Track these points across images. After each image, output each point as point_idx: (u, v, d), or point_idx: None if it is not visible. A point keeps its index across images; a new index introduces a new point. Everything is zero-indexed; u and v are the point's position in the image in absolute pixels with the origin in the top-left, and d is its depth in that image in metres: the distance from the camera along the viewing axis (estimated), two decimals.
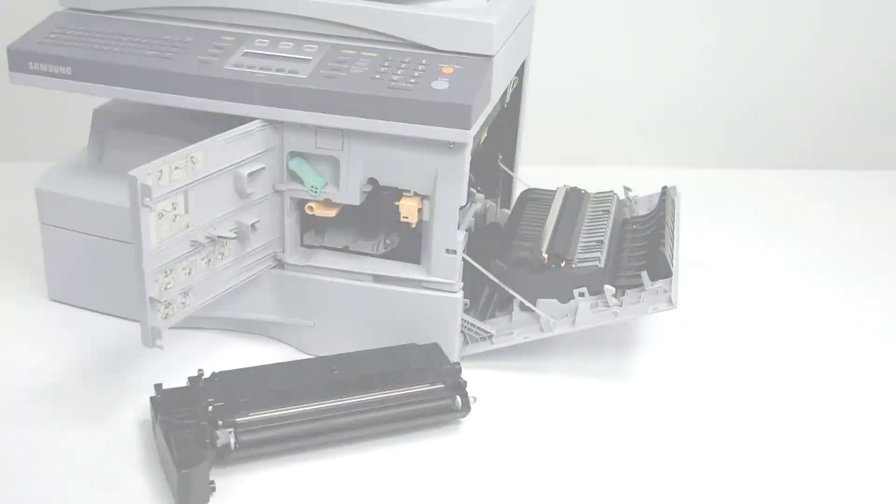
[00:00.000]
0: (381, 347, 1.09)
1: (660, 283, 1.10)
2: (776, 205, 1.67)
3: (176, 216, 0.96)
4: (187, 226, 0.98)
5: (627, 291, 1.12)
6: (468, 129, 1.00)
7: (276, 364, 1.08)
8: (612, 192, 1.33)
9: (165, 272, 0.96)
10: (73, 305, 1.22)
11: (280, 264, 1.13)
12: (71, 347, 1.15)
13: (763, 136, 1.84)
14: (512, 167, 1.38)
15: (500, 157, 1.36)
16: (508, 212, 1.33)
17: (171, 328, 1.00)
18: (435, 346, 1.09)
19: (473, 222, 1.21)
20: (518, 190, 1.38)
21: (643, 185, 1.36)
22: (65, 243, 1.18)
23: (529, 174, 1.41)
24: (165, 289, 0.96)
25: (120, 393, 1.07)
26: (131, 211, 0.91)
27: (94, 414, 1.03)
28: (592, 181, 1.36)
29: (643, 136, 1.81)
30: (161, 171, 0.92)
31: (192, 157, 0.95)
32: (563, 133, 1.71)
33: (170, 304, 0.98)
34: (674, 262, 1.12)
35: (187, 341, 1.13)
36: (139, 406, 1.03)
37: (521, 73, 1.30)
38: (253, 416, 0.95)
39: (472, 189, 1.22)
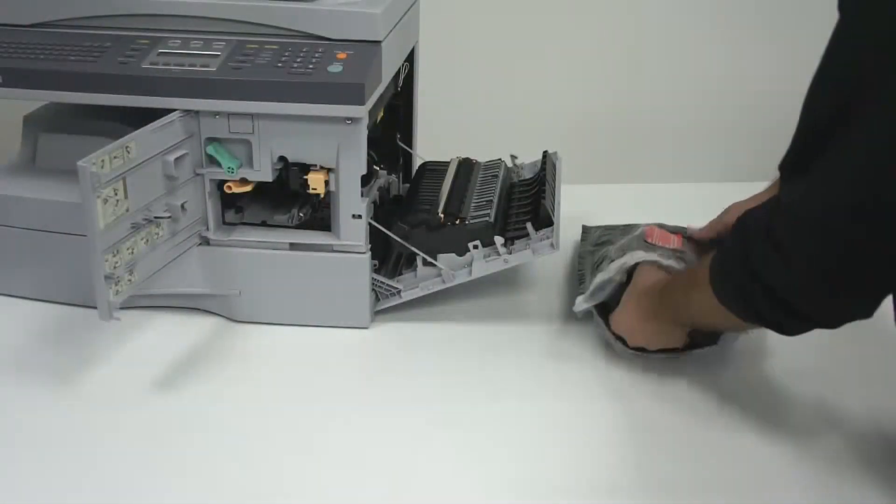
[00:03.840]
0: None
1: (543, 232, 1.25)
2: None
3: (118, 201, 1.07)
4: (127, 209, 1.09)
5: (516, 241, 1.27)
6: (362, 104, 1.14)
7: None
8: (499, 159, 1.48)
9: (113, 252, 1.07)
10: (11, 295, 1.33)
11: (205, 241, 1.25)
12: (13, 333, 1.26)
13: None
14: (410, 145, 1.53)
15: (399, 136, 1.51)
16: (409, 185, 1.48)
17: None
18: None
19: (378, 195, 1.35)
20: (417, 165, 1.53)
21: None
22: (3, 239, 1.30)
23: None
24: (114, 267, 1.08)
25: (69, 369, 1.19)
26: (83, 197, 1.01)
27: (57, 388, 1.16)
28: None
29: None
30: (103, 160, 1.04)
31: (126, 147, 1.07)
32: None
33: (119, 280, 1.09)
34: (555, 213, 1.27)
35: (122, 320, 1.24)
36: (92, 380, 1.17)
37: (411, 59, 1.45)
38: None
39: (375, 167, 1.36)
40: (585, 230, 1.49)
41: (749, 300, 0.96)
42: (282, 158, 1.20)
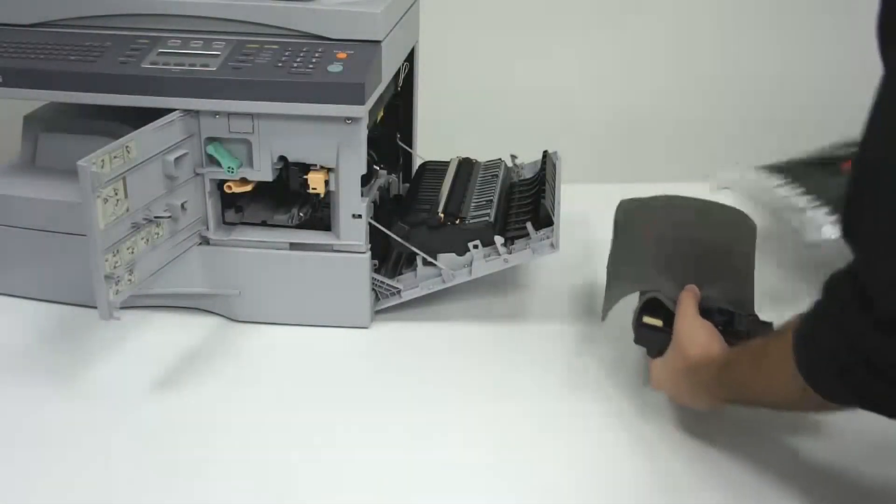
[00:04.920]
0: None
1: (543, 232, 1.25)
2: None
3: (118, 201, 1.07)
4: (127, 209, 1.09)
5: (516, 241, 1.27)
6: (362, 104, 1.14)
7: None
8: (499, 159, 1.48)
9: (113, 252, 1.07)
10: (11, 295, 1.33)
11: (205, 241, 1.25)
12: (13, 333, 1.26)
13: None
14: (410, 145, 1.53)
15: (399, 136, 1.51)
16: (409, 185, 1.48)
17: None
18: None
19: (378, 195, 1.35)
20: (417, 165, 1.53)
21: None
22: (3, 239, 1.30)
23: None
24: (114, 267, 1.08)
25: (69, 369, 1.19)
26: (83, 197, 1.01)
27: (58, 387, 1.16)
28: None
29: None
30: (103, 160, 1.04)
31: (126, 147, 1.07)
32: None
33: (119, 280, 1.09)
34: (555, 213, 1.27)
35: (122, 319, 1.20)
36: (92, 379, 1.17)
37: (411, 59, 1.45)
38: None
39: (375, 167, 1.36)
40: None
41: (849, 381, 0.79)
42: (282, 158, 1.20)
